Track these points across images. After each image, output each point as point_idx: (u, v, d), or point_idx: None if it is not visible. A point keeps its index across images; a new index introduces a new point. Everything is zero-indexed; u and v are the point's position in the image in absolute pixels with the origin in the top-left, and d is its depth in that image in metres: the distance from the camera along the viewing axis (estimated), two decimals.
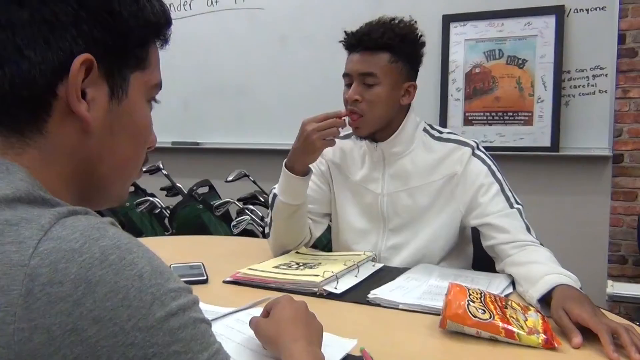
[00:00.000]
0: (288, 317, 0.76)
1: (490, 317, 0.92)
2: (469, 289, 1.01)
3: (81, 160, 0.52)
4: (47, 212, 0.43)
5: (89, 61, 0.49)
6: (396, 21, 1.37)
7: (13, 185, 0.45)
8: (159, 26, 0.56)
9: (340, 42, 1.42)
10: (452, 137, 1.44)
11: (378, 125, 1.39)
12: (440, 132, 1.46)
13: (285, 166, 1.39)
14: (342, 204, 1.53)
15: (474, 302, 0.96)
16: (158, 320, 0.42)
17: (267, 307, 0.82)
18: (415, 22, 1.40)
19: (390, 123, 1.40)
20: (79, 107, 0.49)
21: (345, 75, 1.41)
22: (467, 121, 2.83)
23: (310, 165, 1.54)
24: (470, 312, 0.92)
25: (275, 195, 1.43)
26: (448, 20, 2.82)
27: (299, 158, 1.37)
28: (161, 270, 0.45)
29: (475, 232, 1.46)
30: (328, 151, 1.54)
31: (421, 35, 1.40)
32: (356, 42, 1.37)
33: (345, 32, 1.41)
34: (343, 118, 1.35)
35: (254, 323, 0.80)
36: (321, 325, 0.80)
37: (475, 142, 1.43)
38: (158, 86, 0.59)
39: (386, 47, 1.35)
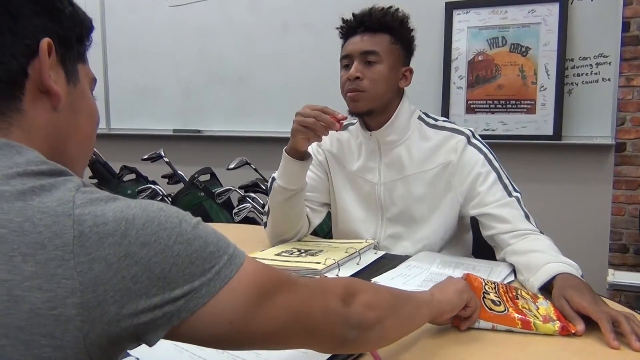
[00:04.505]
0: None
1: (505, 310, 0.92)
2: (484, 280, 1.00)
3: (54, 138, 0.60)
4: (69, 179, 0.52)
5: (50, 43, 0.57)
6: (392, 9, 1.39)
7: (32, 161, 0.52)
8: (88, 27, 0.65)
9: (338, 28, 1.42)
10: (447, 125, 1.43)
11: (377, 103, 1.37)
12: (436, 120, 1.45)
13: (285, 149, 1.39)
14: (340, 193, 1.53)
15: (489, 293, 0.95)
16: (190, 233, 0.52)
17: None
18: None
19: (387, 106, 1.40)
20: (50, 82, 0.57)
21: (344, 57, 1.40)
22: (470, 109, 2.81)
23: (312, 157, 1.54)
24: (486, 305, 0.92)
25: (273, 179, 1.44)
26: (451, 7, 2.80)
27: (290, 139, 1.37)
28: (167, 204, 0.55)
29: (474, 219, 1.46)
30: (325, 141, 1.54)
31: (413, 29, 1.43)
32: (357, 24, 1.38)
33: (342, 19, 1.41)
34: (340, 121, 1.27)
35: None
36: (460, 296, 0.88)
37: (471, 130, 1.42)
38: (95, 81, 0.68)
39: (386, 29, 1.37)
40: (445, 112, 2.81)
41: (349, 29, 1.40)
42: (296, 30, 3.17)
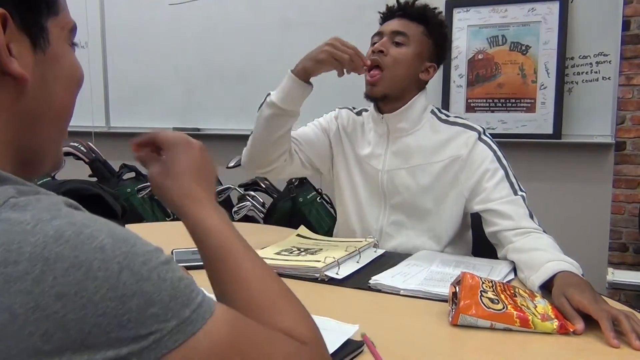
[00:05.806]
0: (185, 171, 0.69)
1: (503, 308, 0.92)
2: (481, 279, 1.00)
3: (21, 122, 0.51)
4: None
5: (2, 15, 0.47)
6: (436, 9, 1.47)
7: None
8: None
9: (379, 12, 1.48)
10: (459, 120, 1.45)
11: (394, 88, 1.40)
12: (448, 116, 1.48)
13: (292, 69, 1.40)
14: (345, 173, 1.54)
15: (486, 292, 0.95)
16: (129, 287, 0.41)
17: (158, 141, 0.71)
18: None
19: (403, 93, 1.42)
20: (11, 64, 0.48)
21: (375, 35, 1.44)
22: (470, 108, 2.81)
23: (322, 120, 1.55)
24: (483, 303, 0.92)
25: (268, 94, 1.43)
26: (451, 5, 2.80)
27: (304, 58, 1.39)
28: (124, 238, 0.43)
29: (475, 218, 1.46)
30: (343, 117, 1.56)
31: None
32: (397, 9, 1.43)
33: (387, 5, 1.47)
34: (364, 67, 1.35)
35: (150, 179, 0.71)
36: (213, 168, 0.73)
37: (482, 127, 1.44)
38: (74, 29, 0.57)
39: (424, 21, 1.42)
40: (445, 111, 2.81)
41: (389, 13, 1.45)
42: (296, 28, 3.16)
